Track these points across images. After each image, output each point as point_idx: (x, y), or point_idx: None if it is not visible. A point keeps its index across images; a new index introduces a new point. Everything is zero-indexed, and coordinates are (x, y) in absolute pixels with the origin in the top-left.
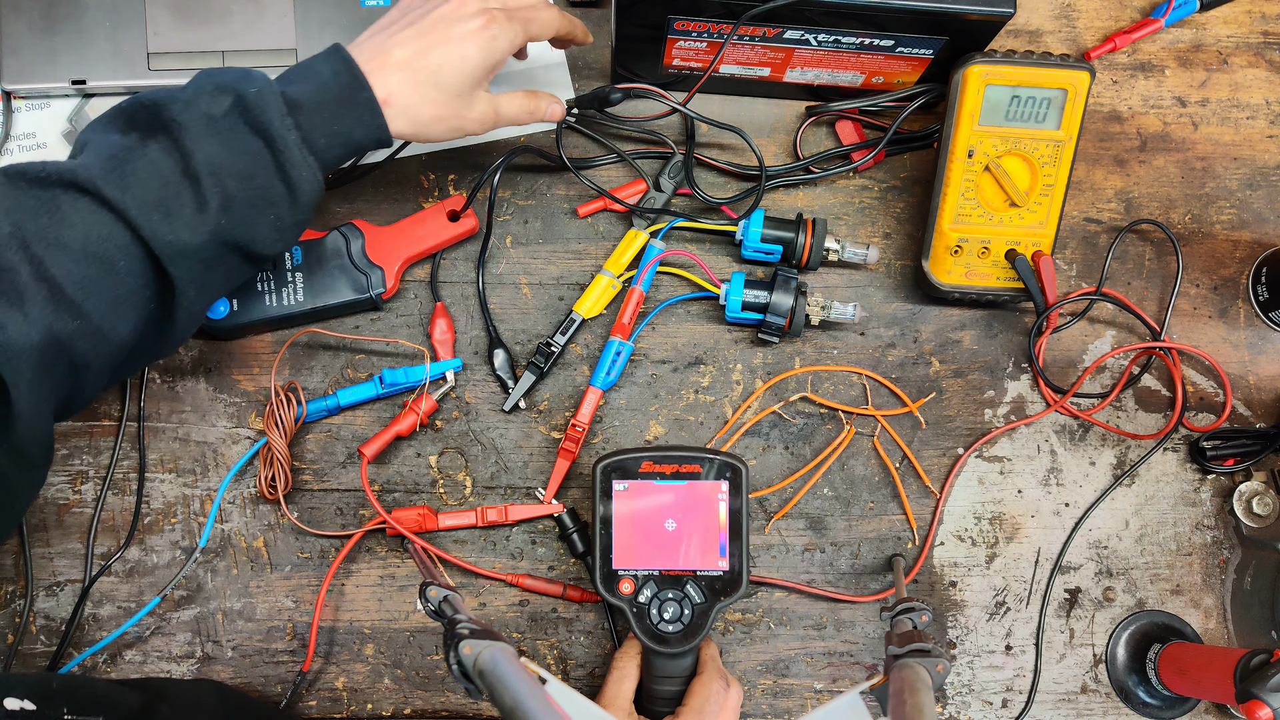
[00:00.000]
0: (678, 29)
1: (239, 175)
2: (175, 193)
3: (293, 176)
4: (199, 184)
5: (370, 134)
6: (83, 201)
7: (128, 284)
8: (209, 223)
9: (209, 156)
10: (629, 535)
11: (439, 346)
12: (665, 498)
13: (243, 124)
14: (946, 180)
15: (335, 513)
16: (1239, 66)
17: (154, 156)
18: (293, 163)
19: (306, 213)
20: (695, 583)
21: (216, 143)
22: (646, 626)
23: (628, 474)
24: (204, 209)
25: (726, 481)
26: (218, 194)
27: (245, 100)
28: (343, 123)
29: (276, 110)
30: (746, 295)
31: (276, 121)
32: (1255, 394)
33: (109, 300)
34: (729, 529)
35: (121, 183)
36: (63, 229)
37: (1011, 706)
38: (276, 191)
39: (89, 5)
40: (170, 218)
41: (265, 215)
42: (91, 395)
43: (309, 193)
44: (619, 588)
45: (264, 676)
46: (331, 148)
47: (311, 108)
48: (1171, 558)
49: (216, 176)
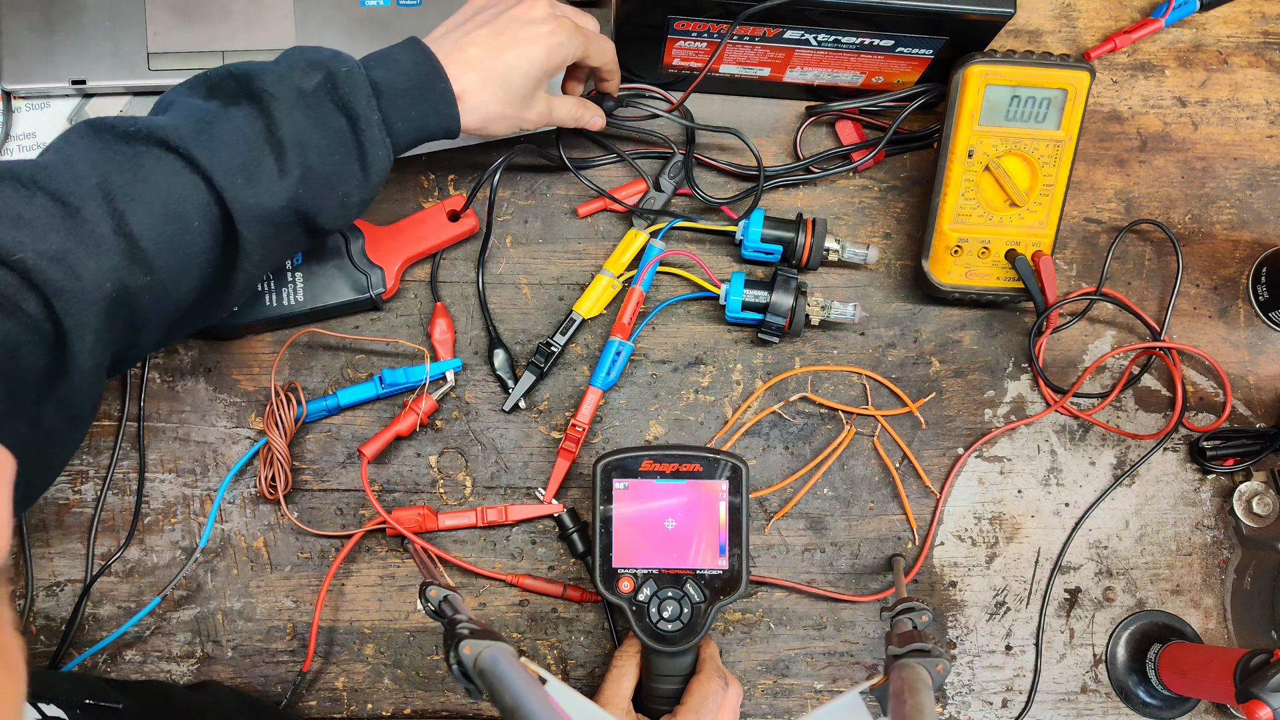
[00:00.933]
0: (678, 29)
1: (320, 149)
2: (258, 157)
3: (369, 156)
4: (283, 152)
5: (443, 123)
6: (169, 159)
7: (199, 243)
8: (288, 190)
9: (296, 127)
10: (629, 534)
11: (439, 346)
12: (666, 497)
13: (330, 101)
14: (946, 180)
15: (335, 513)
16: (1239, 66)
17: (240, 123)
18: (371, 143)
19: (373, 192)
20: (695, 581)
21: (304, 115)
22: (646, 625)
23: (628, 473)
24: (285, 175)
25: (727, 481)
26: (299, 164)
27: (336, 78)
28: (419, 109)
29: (364, 91)
30: (746, 295)
31: (363, 102)
32: (1255, 394)
33: (180, 257)
34: (729, 528)
35: (209, 145)
36: (147, 185)
37: (1011, 706)
38: (351, 169)
39: (89, 5)
40: (253, 182)
41: (336, 190)
42: (144, 352)
43: (379, 173)
44: (619, 586)
45: (264, 676)
46: (406, 133)
47: (393, 93)
48: (1171, 558)
49: (300, 147)
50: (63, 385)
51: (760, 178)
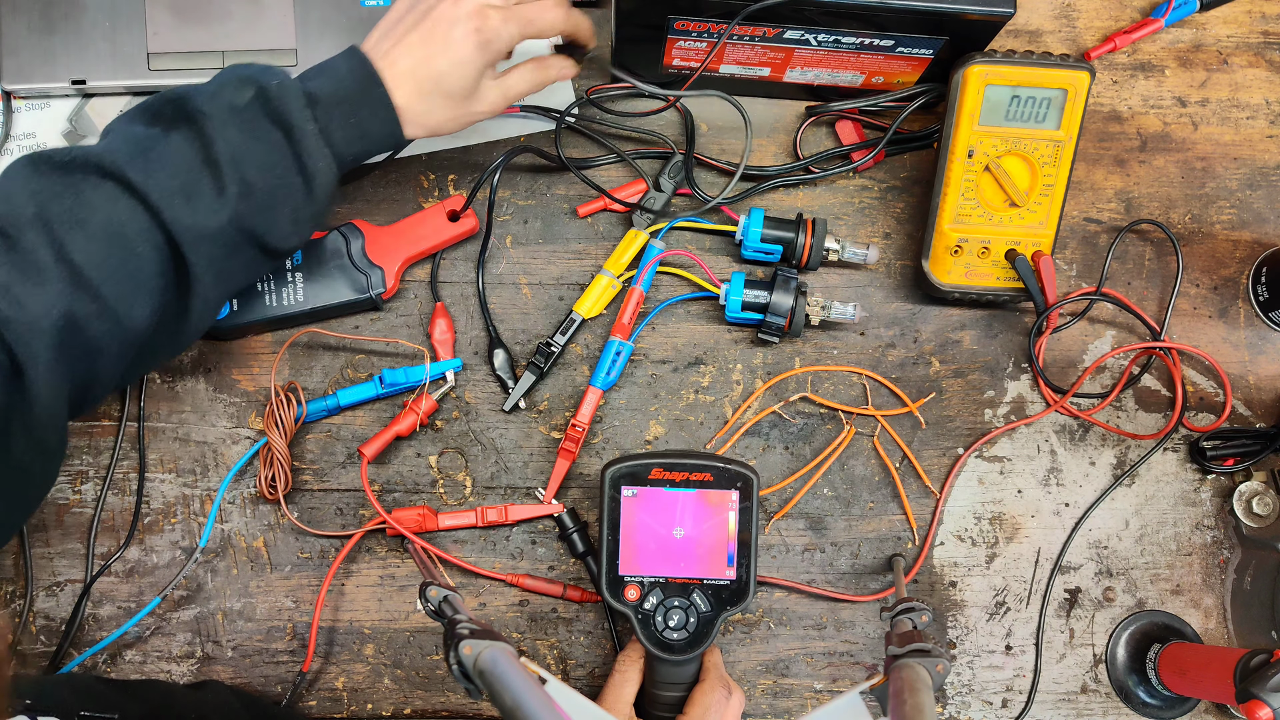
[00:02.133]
0: (678, 29)
1: (258, 164)
2: (196, 178)
3: (309, 168)
4: (219, 169)
5: (385, 129)
6: (106, 185)
7: (146, 268)
8: (228, 207)
9: (230, 144)
10: (636, 541)
11: (439, 346)
12: (674, 505)
13: (264, 114)
14: (946, 180)
15: (335, 513)
16: (1239, 66)
17: (177, 144)
18: (310, 153)
19: (322, 205)
20: (702, 591)
21: (238, 131)
22: (651, 633)
23: (637, 480)
24: (223, 193)
25: (737, 491)
26: (237, 180)
27: (267, 91)
28: (358, 117)
29: (297, 102)
30: (746, 295)
31: (296, 112)
32: (1255, 394)
33: (127, 283)
34: (738, 538)
35: (145, 168)
36: (85, 212)
37: (1011, 706)
38: (294, 182)
39: (89, 5)
40: (191, 202)
41: (283, 206)
42: (107, 385)
43: (324, 185)
44: (624, 594)
45: (264, 676)
46: (348, 142)
47: (330, 102)
48: (1171, 558)
49: (236, 163)
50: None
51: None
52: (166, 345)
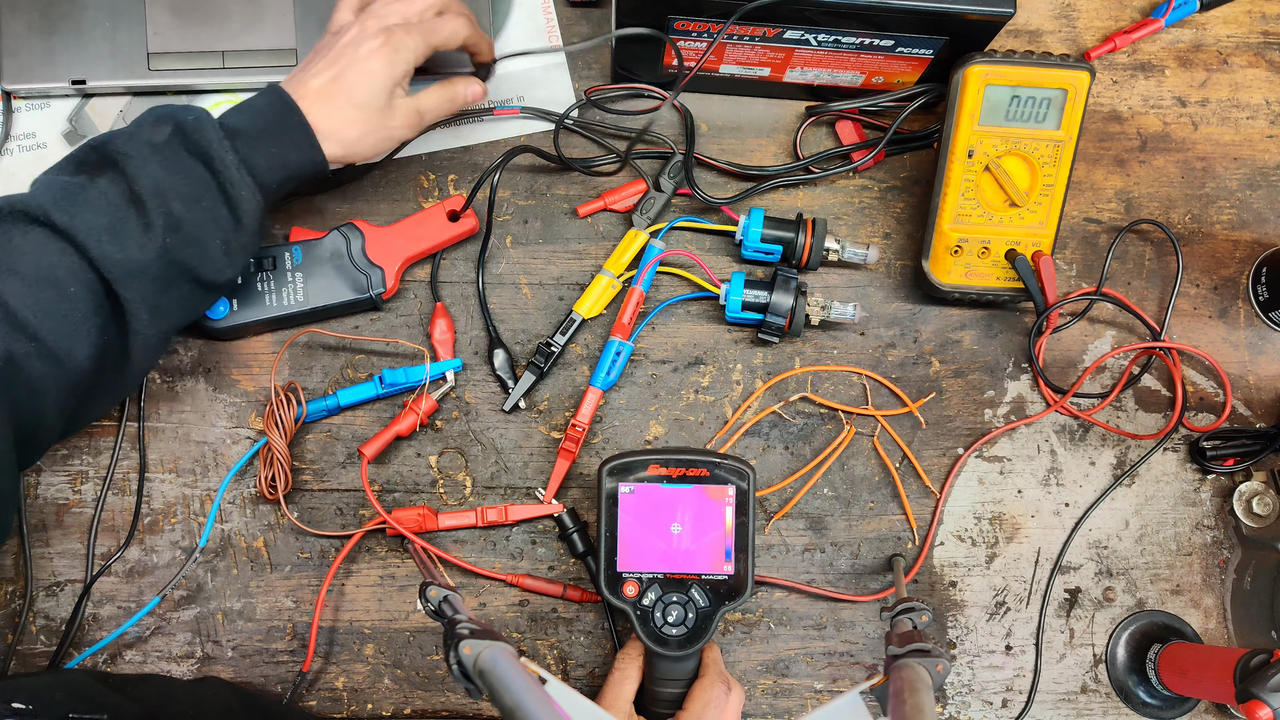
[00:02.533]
0: (678, 29)
1: (183, 197)
2: (122, 216)
3: (234, 197)
4: (144, 205)
5: (306, 156)
6: (34, 231)
7: (80, 308)
8: (155, 241)
9: (153, 179)
10: (634, 538)
11: (439, 346)
12: (671, 501)
13: (183, 148)
14: (946, 180)
15: (335, 513)
16: (1239, 66)
17: (102, 188)
18: (232, 183)
19: (251, 235)
20: (700, 587)
21: (159, 166)
22: (650, 630)
23: (634, 476)
24: (150, 229)
25: (733, 486)
26: (162, 214)
27: (184, 127)
28: (279, 146)
29: (214, 134)
30: (746, 295)
31: (215, 143)
32: (1255, 394)
33: (63, 323)
34: (735, 533)
35: (71, 210)
36: (15, 257)
37: (1011, 706)
38: (220, 213)
39: (89, 5)
40: (118, 238)
41: (212, 238)
42: (52, 430)
43: (250, 214)
44: (623, 590)
45: (264, 676)
46: (271, 171)
47: (249, 134)
48: (1171, 558)
49: (161, 198)
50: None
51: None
52: (111, 387)
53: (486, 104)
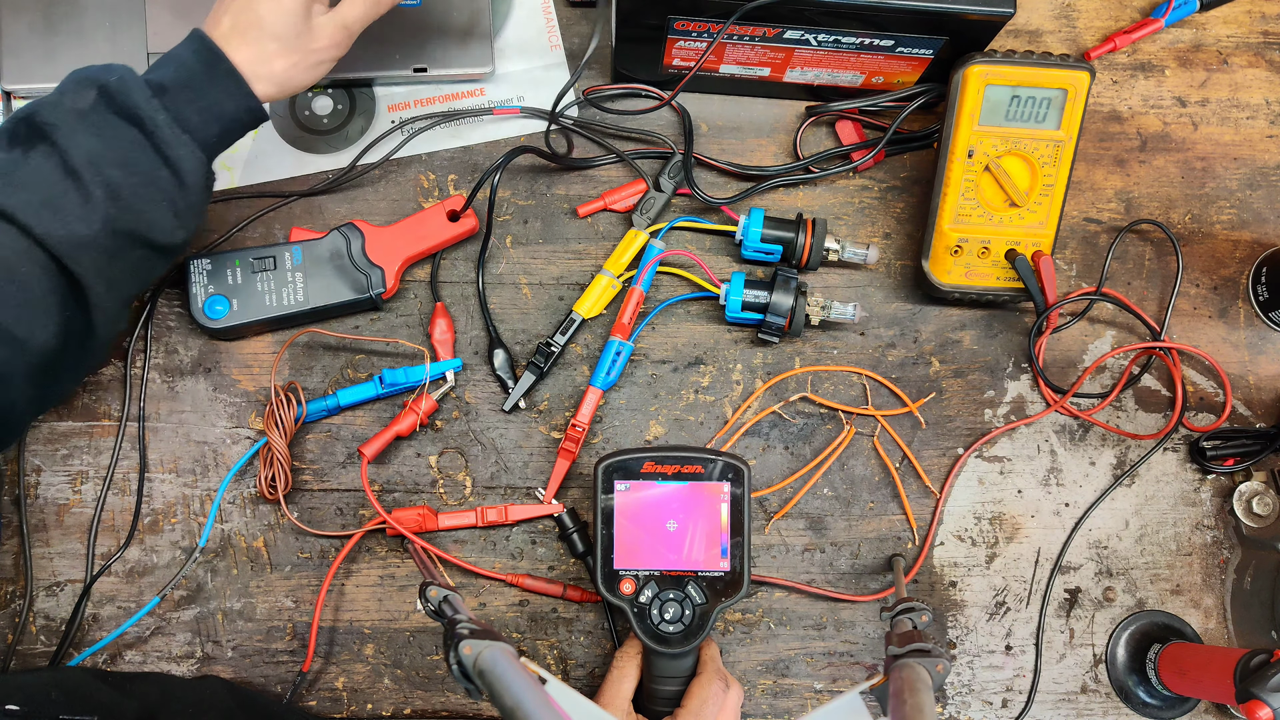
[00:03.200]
0: (678, 29)
1: (119, 163)
2: (60, 190)
3: (172, 157)
4: (79, 177)
5: (239, 103)
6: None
7: (34, 288)
8: (98, 212)
9: (85, 149)
10: (630, 535)
11: (439, 346)
12: (667, 498)
13: (110, 113)
14: (946, 180)
15: (335, 513)
16: (1239, 66)
17: (36, 163)
18: (168, 143)
19: (198, 195)
20: (696, 583)
21: (89, 135)
22: (647, 627)
23: (629, 474)
24: (89, 200)
25: (729, 482)
26: (100, 184)
27: (109, 89)
28: (209, 98)
29: (141, 94)
30: (746, 295)
31: (143, 104)
32: (1255, 394)
33: (18, 305)
34: (730, 529)
35: (7, 189)
36: None
37: (1011, 706)
38: (161, 175)
39: (89, 5)
40: (59, 213)
41: (158, 202)
42: (23, 411)
43: (193, 173)
44: (620, 588)
45: (264, 676)
46: (206, 124)
47: (176, 88)
48: (1171, 558)
49: (96, 167)
50: None
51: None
52: (78, 361)
53: (486, 104)
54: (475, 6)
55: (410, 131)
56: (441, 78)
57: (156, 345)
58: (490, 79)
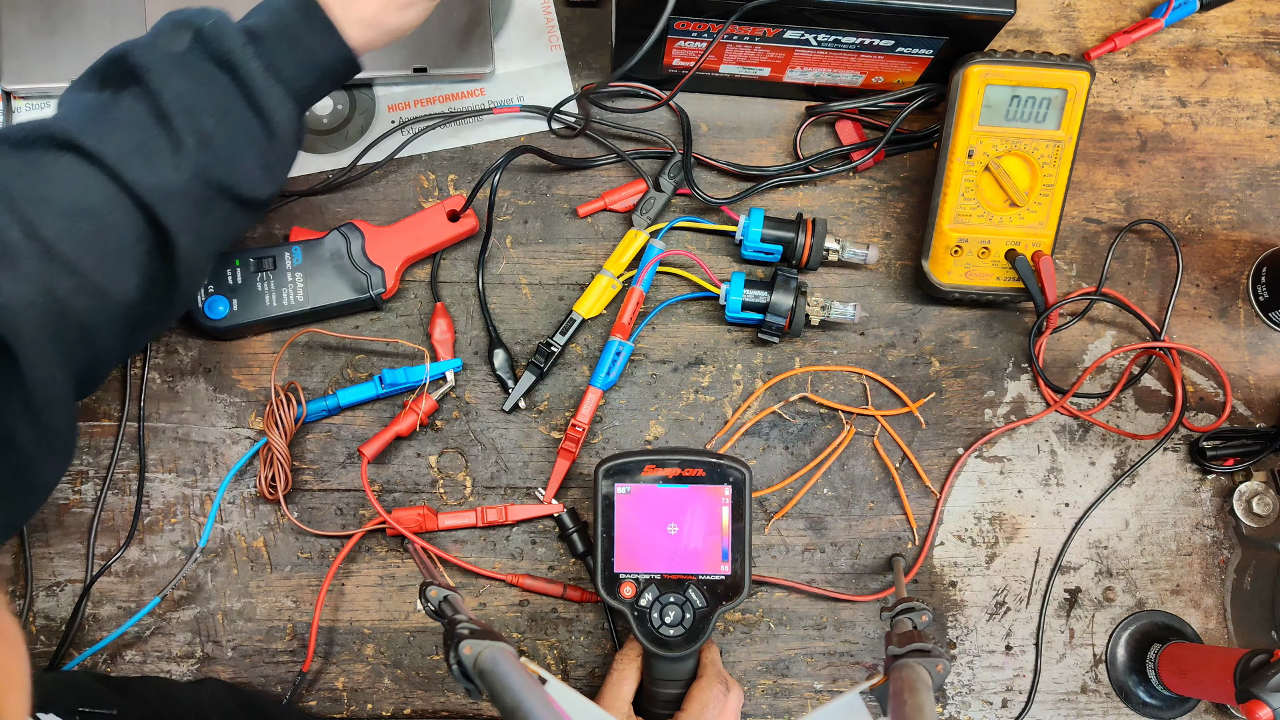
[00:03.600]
0: (678, 29)
1: (211, 110)
2: (151, 135)
3: (264, 106)
4: (171, 123)
5: (334, 52)
6: (65, 157)
7: (120, 236)
8: (189, 161)
9: (178, 94)
10: (631, 538)
11: (439, 346)
12: (668, 501)
13: (205, 58)
14: (946, 180)
15: (335, 513)
16: (1239, 66)
17: (127, 104)
18: (261, 92)
19: (288, 146)
20: (697, 587)
21: (183, 79)
22: (648, 630)
23: (630, 476)
24: (180, 147)
25: (730, 486)
26: (192, 131)
27: (204, 34)
28: (304, 47)
29: (236, 40)
30: (746, 295)
31: (237, 51)
32: (1255, 394)
33: (104, 254)
34: (731, 533)
35: (98, 132)
36: (48, 187)
37: (1011, 706)
38: (251, 124)
39: (89, 5)
40: (150, 160)
41: (247, 152)
42: (109, 362)
43: (284, 123)
44: (620, 591)
45: (264, 676)
46: (301, 76)
47: (271, 36)
48: (1171, 558)
49: (189, 113)
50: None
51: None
52: (160, 315)
53: (486, 104)
54: (475, 6)
55: (410, 131)
56: (441, 77)
57: (156, 345)
58: (490, 79)
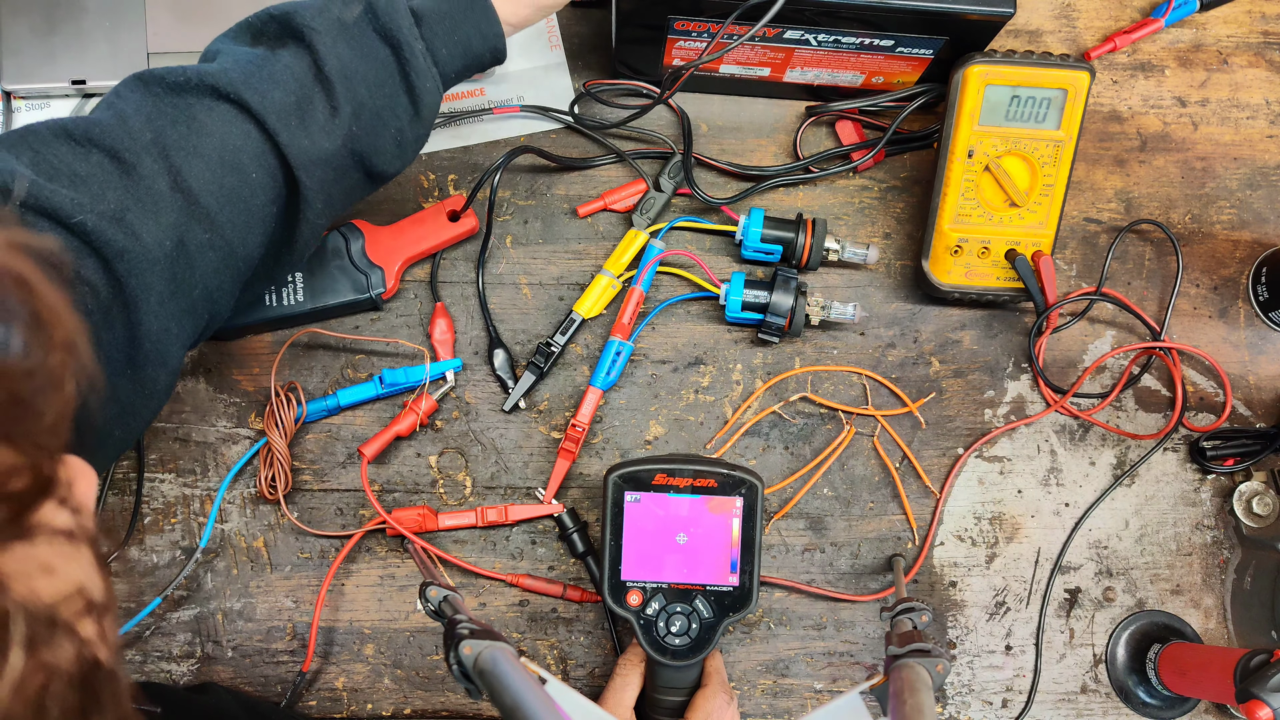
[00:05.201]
0: (678, 29)
1: (369, 82)
2: (310, 97)
3: (417, 87)
4: (332, 88)
5: (487, 42)
6: (221, 108)
7: (260, 195)
8: (342, 128)
9: (341, 61)
10: (639, 547)
11: (439, 346)
12: (677, 511)
13: (372, 31)
14: (946, 180)
15: (335, 513)
16: (1239, 66)
17: (288, 62)
18: (418, 72)
19: (426, 127)
20: (704, 597)
21: (348, 47)
22: (653, 639)
23: (640, 485)
24: (337, 114)
25: (740, 498)
26: (349, 100)
27: (375, 7)
28: (462, 32)
29: (405, 19)
30: (746, 295)
31: (405, 29)
32: (1255, 394)
33: (241, 211)
34: (741, 545)
35: (260, 88)
36: (200, 138)
37: (1011, 706)
38: (400, 102)
39: (89, 5)
40: (306, 123)
41: (389, 126)
42: (218, 320)
43: (430, 105)
44: (627, 599)
45: (264, 676)
46: (453, 59)
47: (434, 18)
48: (1171, 558)
49: (349, 81)
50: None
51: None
52: (271, 272)
53: (486, 104)
54: None
55: None
56: None
57: None
58: (490, 79)
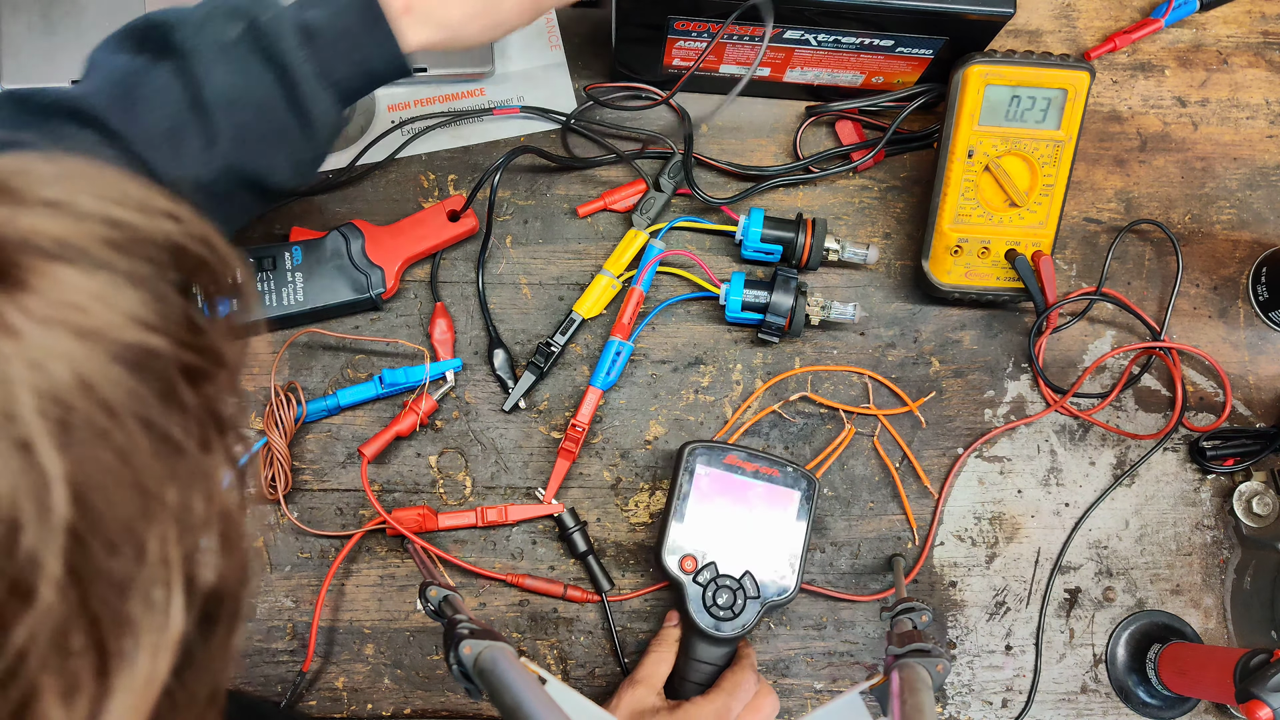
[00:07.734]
0: (678, 29)
1: (252, 106)
2: (183, 124)
3: (309, 111)
4: (209, 116)
5: (389, 62)
6: (86, 134)
7: None
8: (219, 157)
9: (220, 86)
10: (701, 517)
11: (439, 346)
12: (743, 490)
13: (255, 53)
14: (946, 180)
15: (335, 513)
16: (1239, 66)
17: (163, 82)
18: (308, 96)
19: (324, 147)
20: (753, 578)
21: (228, 71)
22: (699, 608)
23: (712, 460)
24: (214, 143)
25: (801, 491)
26: (230, 125)
27: (258, 27)
28: (362, 51)
29: (291, 39)
30: (746, 295)
31: (290, 51)
32: (1255, 394)
33: None
34: (794, 535)
35: (128, 113)
36: None
37: (1011, 706)
38: (291, 125)
39: (89, 5)
40: (178, 152)
41: (280, 149)
42: None
43: (326, 126)
44: (682, 563)
45: (264, 676)
46: (352, 79)
47: (330, 36)
48: (1171, 558)
49: (230, 107)
50: None
51: (690, 145)
52: None
53: (486, 104)
54: None
55: (410, 131)
56: (441, 77)
57: None
58: (490, 79)
